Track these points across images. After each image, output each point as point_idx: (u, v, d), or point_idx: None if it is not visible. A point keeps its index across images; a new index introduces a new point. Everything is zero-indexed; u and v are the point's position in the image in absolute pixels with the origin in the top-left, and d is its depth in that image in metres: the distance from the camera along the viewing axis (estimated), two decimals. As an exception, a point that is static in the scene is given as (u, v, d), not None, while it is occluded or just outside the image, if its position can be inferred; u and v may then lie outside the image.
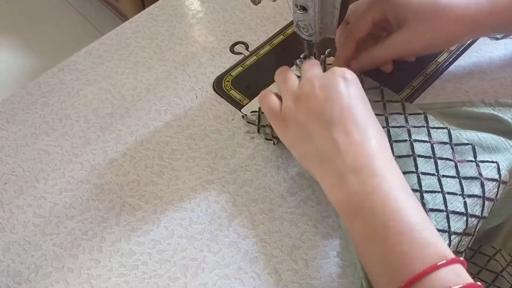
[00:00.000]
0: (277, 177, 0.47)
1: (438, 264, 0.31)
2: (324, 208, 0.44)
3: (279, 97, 0.43)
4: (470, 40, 0.54)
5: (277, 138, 0.47)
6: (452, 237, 0.39)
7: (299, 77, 0.52)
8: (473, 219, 0.40)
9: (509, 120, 0.44)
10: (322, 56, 0.51)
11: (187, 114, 0.52)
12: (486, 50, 0.53)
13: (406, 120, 0.46)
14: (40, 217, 0.46)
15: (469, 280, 0.32)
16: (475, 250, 0.45)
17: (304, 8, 0.44)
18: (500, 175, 0.41)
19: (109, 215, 0.45)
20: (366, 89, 0.49)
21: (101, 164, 0.49)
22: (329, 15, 0.44)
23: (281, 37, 0.58)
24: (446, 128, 0.45)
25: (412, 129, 0.45)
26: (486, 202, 0.41)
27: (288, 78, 0.43)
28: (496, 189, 0.41)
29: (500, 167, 0.41)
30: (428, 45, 0.45)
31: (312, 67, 0.43)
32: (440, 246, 0.33)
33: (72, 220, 0.45)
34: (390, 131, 0.46)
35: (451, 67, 0.52)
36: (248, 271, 0.41)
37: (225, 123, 0.51)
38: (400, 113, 0.47)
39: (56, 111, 0.54)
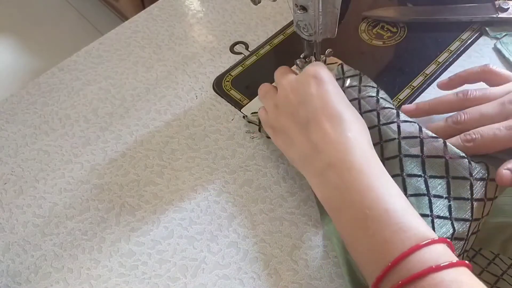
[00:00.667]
0: (277, 177, 0.47)
1: (420, 244, 0.31)
2: (324, 208, 0.44)
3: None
4: (470, 40, 0.54)
5: None
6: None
7: None
8: (461, 223, 0.38)
9: None
10: (322, 56, 0.51)
11: (187, 114, 0.52)
12: (486, 50, 0.53)
13: (398, 115, 0.43)
14: (40, 217, 0.46)
15: (454, 258, 0.31)
16: (476, 251, 0.45)
17: (304, 8, 0.44)
18: (488, 173, 0.39)
19: (109, 215, 0.45)
20: (346, 77, 0.47)
21: (101, 164, 0.49)
22: (329, 15, 0.44)
23: (281, 37, 0.58)
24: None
25: (402, 124, 0.42)
26: (475, 204, 0.38)
27: (266, 90, 0.46)
28: (484, 189, 0.39)
29: (488, 165, 0.40)
30: None
31: (284, 74, 0.44)
32: (420, 229, 0.33)
33: (72, 220, 0.45)
34: (381, 129, 0.43)
35: (451, 67, 0.52)
36: (248, 271, 0.41)
37: (225, 123, 0.51)
38: (392, 108, 0.44)
39: (56, 111, 0.54)
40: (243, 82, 0.54)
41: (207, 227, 0.44)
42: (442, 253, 0.32)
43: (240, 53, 0.57)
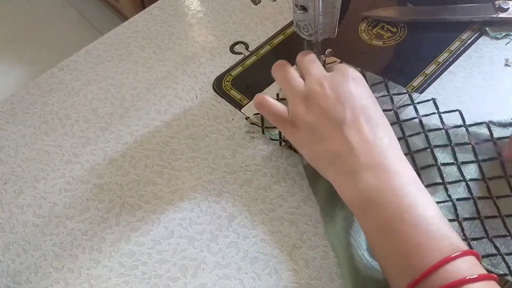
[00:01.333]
0: (277, 177, 0.47)
1: (453, 255, 0.32)
2: (324, 208, 0.44)
3: (278, 99, 0.43)
4: (470, 40, 0.54)
5: (286, 140, 0.47)
6: (486, 222, 0.40)
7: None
8: (504, 200, 0.40)
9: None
10: (322, 56, 0.51)
11: (187, 114, 0.52)
12: (486, 50, 0.53)
13: (416, 110, 0.47)
14: (40, 217, 0.46)
15: (483, 271, 0.32)
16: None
17: (304, 8, 0.44)
18: None
19: (109, 215, 0.45)
20: (370, 85, 0.49)
21: (101, 164, 0.49)
22: (329, 15, 0.44)
23: (281, 37, 0.58)
24: (457, 110, 0.46)
25: (423, 119, 0.46)
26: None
27: (291, 78, 0.42)
28: None
29: None
30: None
31: (314, 64, 0.43)
32: (454, 239, 0.33)
33: (72, 220, 0.45)
34: (402, 125, 0.46)
35: (451, 67, 0.52)
36: (248, 271, 0.41)
37: (225, 123, 0.51)
38: (409, 104, 0.47)
39: (56, 111, 0.54)
40: (243, 82, 0.54)
41: (207, 227, 0.44)
42: (474, 264, 0.32)
43: (240, 53, 0.57)
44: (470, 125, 0.44)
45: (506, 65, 0.51)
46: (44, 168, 0.49)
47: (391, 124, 0.45)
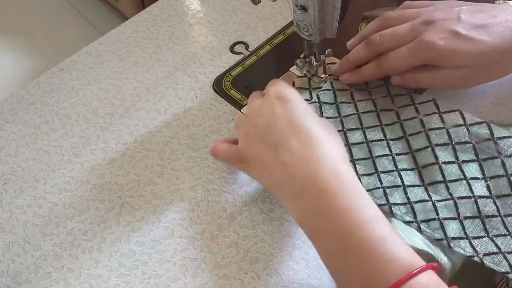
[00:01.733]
0: (277, 177, 0.47)
1: (411, 273, 0.30)
2: (324, 208, 0.44)
3: (228, 141, 0.44)
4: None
5: None
6: (486, 220, 0.40)
7: (299, 76, 0.53)
8: (503, 199, 0.41)
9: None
10: (322, 56, 0.51)
11: (187, 114, 0.52)
12: (486, 50, 0.53)
13: (417, 111, 0.47)
14: (40, 217, 0.46)
15: (442, 285, 0.31)
16: None
17: (304, 8, 0.44)
18: None
19: (109, 215, 0.45)
20: (371, 88, 0.49)
21: (101, 164, 0.49)
22: (329, 15, 0.44)
23: (281, 37, 0.58)
24: (458, 110, 0.46)
25: (424, 118, 0.46)
26: None
27: (239, 120, 0.43)
28: None
29: None
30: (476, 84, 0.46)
31: (252, 99, 0.43)
32: (409, 257, 0.32)
33: (72, 220, 0.45)
34: (403, 124, 0.46)
35: (451, 67, 0.52)
36: (248, 271, 0.41)
37: (225, 123, 0.51)
38: (410, 104, 0.47)
39: (56, 111, 0.54)
40: (243, 82, 0.54)
41: (207, 227, 0.44)
42: (434, 280, 0.31)
43: (240, 53, 0.57)
44: (471, 125, 0.44)
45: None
46: (44, 168, 0.49)
47: (392, 124, 0.46)
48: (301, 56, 0.52)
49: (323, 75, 0.51)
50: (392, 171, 0.43)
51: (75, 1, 1.85)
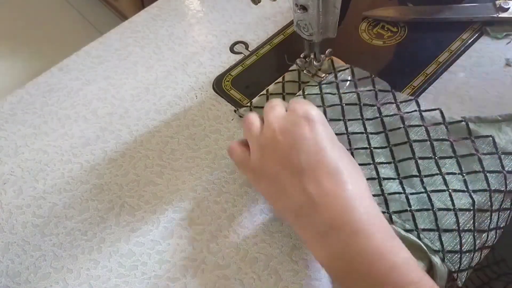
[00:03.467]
0: (277, 177, 0.46)
1: None
2: (325, 208, 0.44)
3: (247, 144, 0.40)
4: (471, 40, 0.54)
5: None
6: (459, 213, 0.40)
7: (290, 70, 0.53)
8: (479, 193, 0.41)
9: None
10: (322, 56, 0.51)
11: (187, 114, 0.52)
12: (487, 50, 0.53)
13: (398, 108, 0.47)
14: (40, 217, 0.46)
15: None
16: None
17: (304, 8, 0.43)
18: (496, 148, 0.43)
19: (109, 215, 0.45)
20: (357, 79, 0.49)
21: (100, 164, 0.49)
22: (329, 14, 0.44)
23: (281, 37, 0.58)
24: (438, 109, 0.46)
25: (405, 116, 0.46)
26: (492, 175, 0.42)
27: (251, 123, 0.39)
28: (499, 161, 0.42)
29: (496, 140, 0.43)
30: None
31: (272, 109, 0.39)
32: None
33: (72, 221, 0.45)
34: (384, 120, 0.47)
35: (452, 67, 0.52)
36: (248, 272, 0.41)
37: (225, 123, 0.51)
38: (392, 102, 0.48)
39: (56, 111, 0.54)
40: (243, 82, 0.54)
41: (207, 227, 0.44)
42: None
43: (240, 53, 0.57)
44: (450, 123, 0.45)
45: (506, 65, 0.51)
46: (44, 168, 0.49)
47: (373, 119, 0.47)
48: (301, 56, 0.52)
49: (323, 75, 0.51)
50: (369, 164, 0.44)
51: (74, 1, 1.85)
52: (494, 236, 0.41)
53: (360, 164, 0.44)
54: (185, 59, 0.57)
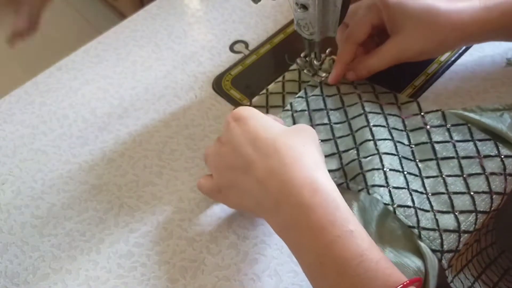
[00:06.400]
0: (277, 178, 0.46)
1: None
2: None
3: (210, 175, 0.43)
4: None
5: None
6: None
7: (290, 70, 0.53)
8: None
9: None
10: (322, 55, 0.51)
11: (186, 113, 0.52)
12: (488, 50, 0.53)
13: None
14: (38, 218, 0.46)
15: None
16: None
17: (304, 7, 0.43)
18: (478, 152, 0.44)
19: (108, 216, 0.45)
20: (356, 84, 0.49)
21: (99, 165, 0.49)
22: (330, 13, 0.44)
23: (281, 36, 0.58)
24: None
25: (363, 95, 0.48)
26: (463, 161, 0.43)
27: (205, 154, 0.43)
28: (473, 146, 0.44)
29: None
30: (421, 52, 0.46)
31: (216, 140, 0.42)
32: (389, 273, 0.32)
33: (70, 221, 0.45)
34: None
35: (453, 66, 0.52)
36: (248, 273, 0.41)
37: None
38: (371, 92, 0.49)
39: (54, 111, 0.54)
40: (243, 81, 0.54)
41: (207, 228, 0.43)
42: None
43: (240, 52, 0.57)
44: (403, 104, 0.47)
45: (507, 64, 0.51)
46: (42, 168, 0.49)
47: (337, 109, 0.48)
48: (301, 55, 0.51)
49: (323, 74, 0.51)
50: (330, 139, 0.46)
51: (74, 0, 1.85)
52: (475, 219, 0.40)
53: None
54: (185, 58, 0.57)
